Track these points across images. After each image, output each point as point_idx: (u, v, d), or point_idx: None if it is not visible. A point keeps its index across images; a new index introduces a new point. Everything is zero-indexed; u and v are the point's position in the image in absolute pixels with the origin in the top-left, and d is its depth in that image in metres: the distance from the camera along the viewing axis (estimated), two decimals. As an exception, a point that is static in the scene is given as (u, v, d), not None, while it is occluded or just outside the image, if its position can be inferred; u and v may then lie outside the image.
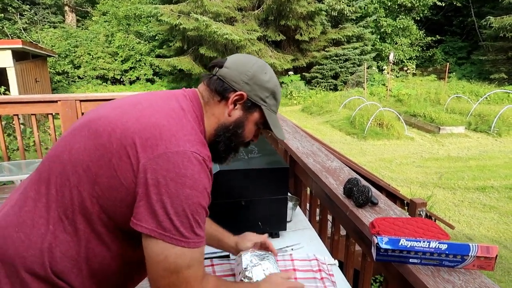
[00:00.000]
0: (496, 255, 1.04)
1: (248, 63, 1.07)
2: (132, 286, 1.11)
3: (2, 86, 7.70)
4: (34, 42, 16.58)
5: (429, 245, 1.05)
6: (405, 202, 4.33)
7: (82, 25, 22.46)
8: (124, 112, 0.96)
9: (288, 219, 1.71)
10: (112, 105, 1.01)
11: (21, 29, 19.53)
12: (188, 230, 0.87)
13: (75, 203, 0.91)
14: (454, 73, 20.12)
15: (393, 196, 4.42)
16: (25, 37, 18.96)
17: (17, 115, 3.45)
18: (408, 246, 1.06)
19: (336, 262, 1.47)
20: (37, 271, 0.91)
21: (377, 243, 1.08)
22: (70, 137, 0.97)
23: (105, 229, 0.94)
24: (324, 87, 18.43)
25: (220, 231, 1.36)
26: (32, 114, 3.48)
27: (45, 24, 20.97)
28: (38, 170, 0.99)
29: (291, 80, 18.28)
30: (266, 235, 1.36)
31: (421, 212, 2.84)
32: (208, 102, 1.06)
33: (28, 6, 20.11)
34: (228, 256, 1.45)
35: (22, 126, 5.39)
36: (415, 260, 1.06)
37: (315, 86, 18.51)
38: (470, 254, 1.03)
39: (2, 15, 19.16)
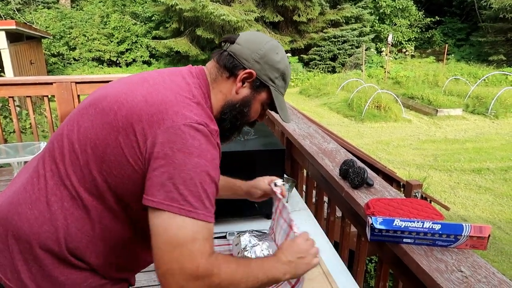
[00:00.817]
0: (489, 235, 1.05)
1: (261, 42, 1.05)
2: (148, 262, 1.11)
3: (-3, 68, 7.62)
4: (28, 23, 16.32)
5: (423, 225, 1.06)
6: (401, 184, 4.37)
7: (77, 5, 22.07)
8: (130, 90, 0.95)
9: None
10: (119, 83, 1.01)
11: (15, 9, 19.18)
12: (196, 199, 0.84)
13: (86, 182, 0.92)
14: (452, 55, 20.00)
15: (390, 178, 4.44)
16: (19, 18, 18.64)
17: (12, 97, 3.43)
18: (402, 227, 1.07)
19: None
20: (51, 248, 0.92)
21: (372, 224, 1.09)
22: (78, 116, 0.97)
23: (117, 206, 0.94)
24: (322, 69, 18.31)
25: (231, 180, 1.36)
26: (27, 96, 3.45)
27: (39, 5, 20.59)
28: (47, 149, 0.99)
29: (289, 62, 18.13)
30: (273, 178, 1.35)
31: (416, 194, 2.87)
32: (216, 79, 1.05)
33: (21, -14, 19.73)
34: (225, 237, 1.46)
35: (18, 109, 5.35)
36: (409, 240, 1.07)
37: (313, 68, 18.38)
38: (463, 234, 1.04)
39: (-5, -5, 18.82)
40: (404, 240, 1.08)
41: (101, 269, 0.99)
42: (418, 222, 1.07)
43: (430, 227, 1.06)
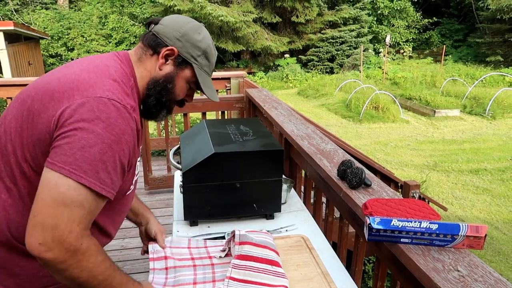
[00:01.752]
0: (485, 235, 1.06)
1: (183, 22, 1.12)
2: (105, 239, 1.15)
3: (-5, 69, 7.60)
4: (26, 24, 16.30)
5: (420, 225, 1.07)
6: (399, 184, 4.38)
7: (75, 6, 22.04)
8: (48, 75, 1.00)
9: (282, 201, 1.73)
10: (44, 74, 1.05)
11: (13, 10, 19.15)
12: (91, 168, 0.85)
13: (15, 169, 0.95)
14: (450, 56, 20.04)
15: (388, 179, 4.45)
16: (17, 19, 18.61)
17: (10, 98, 3.42)
18: (400, 226, 1.08)
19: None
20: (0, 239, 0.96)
21: (369, 224, 1.10)
22: (6, 111, 1.02)
23: None
24: (320, 70, 18.32)
25: (140, 204, 1.41)
26: (25, 97, 3.45)
27: (37, 6, 20.55)
28: None
29: (287, 63, 18.15)
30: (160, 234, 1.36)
31: (414, 194, 2.88)
32: (140, 58, 1.09)
33: (19, -14, 19.69)
34: (223, 238, 1.47)
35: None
36: (406, 240, 1.08)
37: (311, 69, 18.39)
38: (460, 234, 1.05)
39: (-7, -4, 18.78)
40: (402, 240, 1.09)
41: None
42: (415, 222, 1.08)
43: (427, 227, 1.07)
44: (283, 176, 1.75)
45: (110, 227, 1.14)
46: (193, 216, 1.56)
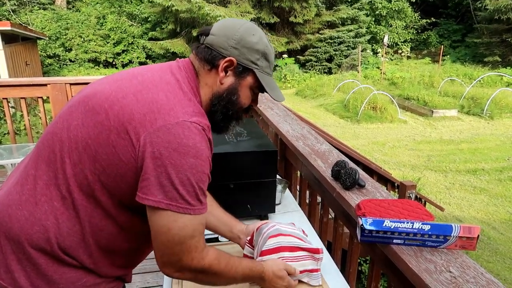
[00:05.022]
0: (478, 235, 1.06)
1: (235, 27, 1.03)
2: (143, 258, 1.15)
3: (-9, 70, 7.57)
4: (23, 25, 16.26)
5: (412, 226, 1.07)
6: (396, 184, 4.38)
7: (73, 7, 21.99)
8: (120, 88, 0.95)
9: (277, 202, 1.72)
10: (108, 80, 1.00)
11: (10, 10, 19.09)
12: (194, 198, 0.89)
13: (76, 180, 0.93)
14: (448, 56, 20.07)
15: (384, 179, 4.46)
16: (14, 19, 18.56)
17: (6, 98, 3.41)
18: (392, 227, 1.08)
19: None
20: (43, 247, 0.93)
21: (362, 224, 1.09)
22: (68, 114, 0.97)
23: (109, 204, 0.95)
24: (318, 70, 18.34)
25: (229, 218, 1.37)
26: (21, 98, 3.44)
27: (35, 6, 20.49)
28: (37, 148, 1.00)
29: (285, 63, 18.15)
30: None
31: (410, 195, 2.87)
32: (199, 72, 1.04)
33: (16, -13, 19.65)
34: (217, 239, 1.46)
35: (12, 110, 5.33)
36: (399, 241, 1.08)
37: (309, 69, 18.41)
38: (452, 235, 1.05)
39: (-10, -4, 18.72)
40: (394, 240, 1.08)
41: (95, 268, 0.99)
42: (407, 223, 1.08)
43: (420, 227, 1.06)
44: (278, 177, 1.74)
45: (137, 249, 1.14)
46: (186, 217, 1.55)
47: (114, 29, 19.46)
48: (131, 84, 0.96)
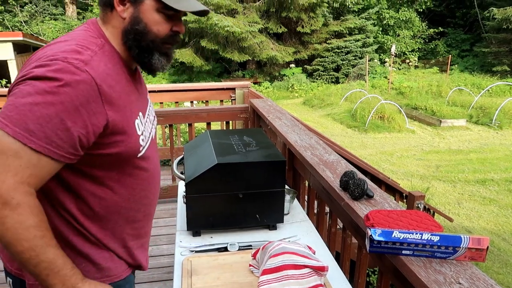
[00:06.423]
0: (487, 247, 1.06)
1: None
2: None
3: (3, 79, 7.71)
4: (35, 35, 16.54)
5: (421, 237, 1.07)
6: (404, 195, 4.36)
7: (83, 17, 22.35)
8: None
9: (285, 212, 1.73)
10: None
11: (22, 21, 19.47)
12: (19, 120, 0.83)
13: None
14: (456, 66, 20.01)
15: (392, 189, 4.44)
16: (26, 29, 18.91)
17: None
18: (401, 238, 1.08)
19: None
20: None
21: (371, 235, 1.10)
22: None
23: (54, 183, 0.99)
24: (326, 80, 18.37)
25: None
26: None
27: (46, 16, 20.89)
28: None
29: (293, 73, 18.22)
30: None
31: (419, 205, 2.86)
32: (104, 19, 1.06)
33: (28, -2, 20.06)
34: (226, 249, 1.47)
35: None
36: (408, 252, 1.08)
37: (317, 79, 18.46)
38: (461, 246, 1.05)
39: (3, 7, 19.10)
40: (403, 251, 1.08)
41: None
42: (416, 233, 1.08)
43: (429, 238, 1.07)
44: (286, 187, 1.75)
45: (138, 213, 1.18)
46: (196, 226, 1.56)
47: (123, 39, 19.68)
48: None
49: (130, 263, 1.21)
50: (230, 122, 3.65)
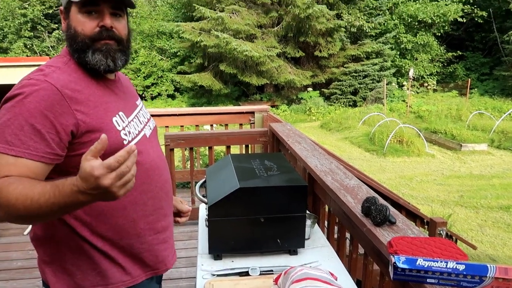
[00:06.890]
0: (515, 277, 1.04)
1: None
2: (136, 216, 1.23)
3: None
4: (60, 59, 17.12)
5: (446, 265, 1.06)
6: (425, 221, 4.27)
7: (107, 42, 23.07)
8: None
9: (306, 237, 1.73)
10: None
11: (49, 46, 20.26)
12: (0, 136, 0.98)
13: None
14: (476, 89, 19.79)
15: (413, 215, 4.36)
16: (53, 54, 19.63)
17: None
18: (426, 266, 1.07)
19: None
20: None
21: (395, 262, 1.09)
22: None
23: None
24: (343, 103, 18.38)
25: None
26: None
27: (72, 42, 21.64)
28: None
29: (310, 96, 18.31)
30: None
31: (441, 232, 2.81)
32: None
33: (56, 24, 20.86)
34: (247, 273, 1.47)
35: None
36: (433, 280, 1.07)
37: (334, 102, 18.49)
38: (488, 275, 1.03)
39: (32, 33, 19.93)
40: (428, 280, 1.07)
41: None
42: (441, 262, 1.07)
43: (454, 267, 1.05)
44: (307, 212, 1.76)
45: (146, 206, 1.24)
46: (217, 249, 1.58)
47: (145, 63, 20.23)
48: None
49: (148, 264, 1.28)
50: (249, 145, 3.68)
